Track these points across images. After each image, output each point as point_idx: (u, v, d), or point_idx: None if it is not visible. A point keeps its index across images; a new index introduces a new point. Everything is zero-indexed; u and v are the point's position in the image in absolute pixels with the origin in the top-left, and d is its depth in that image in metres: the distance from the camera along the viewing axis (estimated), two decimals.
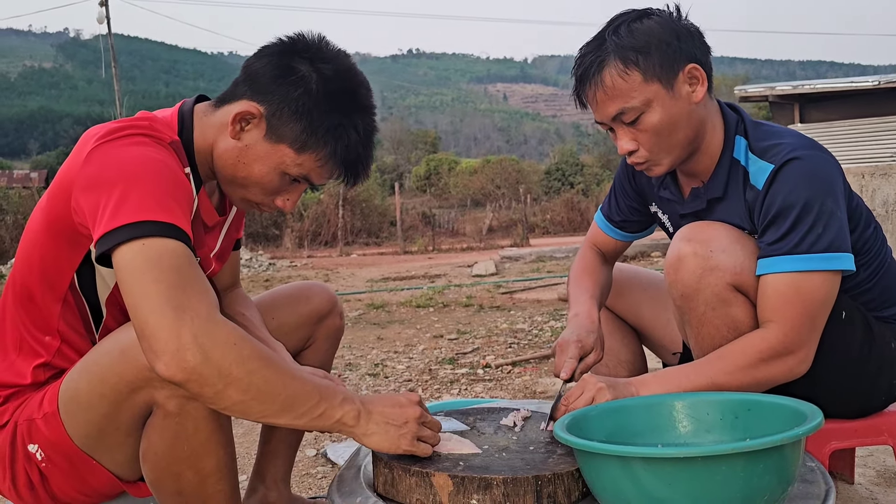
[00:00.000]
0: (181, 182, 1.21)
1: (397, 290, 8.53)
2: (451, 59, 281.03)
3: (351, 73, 1.32)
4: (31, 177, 35.29)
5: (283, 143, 1.30)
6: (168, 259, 1.08)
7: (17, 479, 1.31)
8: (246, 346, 1.09)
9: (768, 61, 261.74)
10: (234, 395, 1.09)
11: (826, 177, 1.42)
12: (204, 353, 1.05)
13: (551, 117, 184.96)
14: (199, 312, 1.06)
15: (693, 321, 1.48)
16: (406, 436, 1.24)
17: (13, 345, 1.33)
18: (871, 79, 14.40)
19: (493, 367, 3.93)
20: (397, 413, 1.25)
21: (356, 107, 1.32)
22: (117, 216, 1.10)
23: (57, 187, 1.27)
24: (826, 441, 1.59)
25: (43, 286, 1.30)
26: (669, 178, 1.65)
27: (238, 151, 1.32)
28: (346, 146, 1.31)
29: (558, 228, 24.49)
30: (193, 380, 1.06)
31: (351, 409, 1.20)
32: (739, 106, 1.58)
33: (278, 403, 1.12)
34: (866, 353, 1.54)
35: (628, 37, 1.43)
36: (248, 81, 1.31)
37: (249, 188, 1.35)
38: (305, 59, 1.29)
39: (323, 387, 1.18)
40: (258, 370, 1.10)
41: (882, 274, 1.57)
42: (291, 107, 1.28)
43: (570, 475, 1.22)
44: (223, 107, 1.34)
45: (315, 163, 1.32)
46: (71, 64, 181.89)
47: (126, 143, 1.19)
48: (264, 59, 1.31)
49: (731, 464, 1.02)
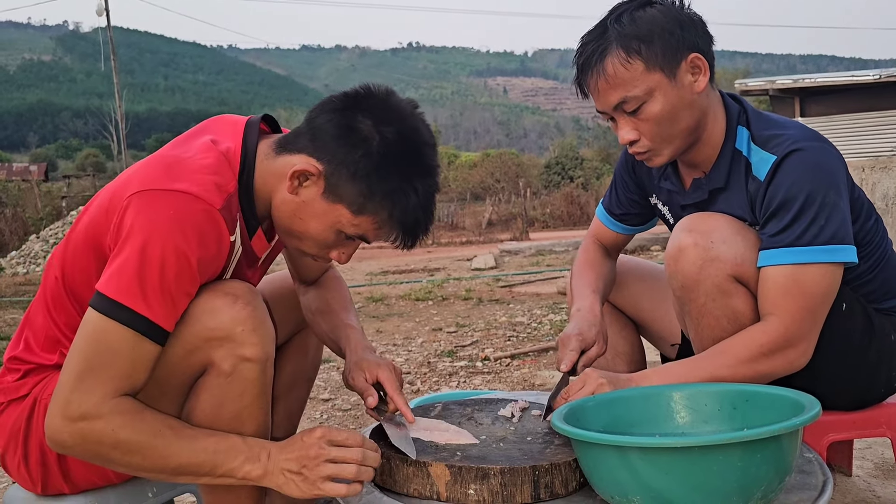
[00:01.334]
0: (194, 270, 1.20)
1: (396, 283, 8.54)
2: (450, 52, 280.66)
3: (415, 134, 1.29)
4: (30, 169, 35.29)
5: (341, 204, 1.28)
6: (108, 341, 1.16)
7: (29, 455, 1.32)
8: (125, 431, 1.17)
9: (769, 55, 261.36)
10: (119, 468, 1.22)
11: (829, 168, 1.41)
12: (77, 437, 1.16)
13: (551, 111, 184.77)
14: (93, 397, 1.15)
15: (693, 312, 1.48)
16: (309, 481, 1.21)
17: (43, 337, 1.35)
18: (872, 73, 14.39)
19: (492, 359, 3.93)
20: (297, 458, 1.22)
21: (417, 170, 1.29)
22: (110, 281, 1.16)
23: (106, 200, 1.27)
24: (824, 433, 1.59)
25: (69, 293, 1.33)
26: (671, 169, 1.65)
27: (295, 206, 1.31)
28: (404, 210, 1.29)
29: (558, 222, 24.47)
30: (74, 454, 1.20)
31: (254, 468, 1.21)
32: (741, 96, 1.58)
33: (167, 473, 1.21)
34: (866, 345, 1.53)
35: (631, 25, 1.42)
36: (310, 135, 1.29)
37: (304, 241, 1.35)
38: (368, 119, 1.26)
39: (221, 451, 1.21)
40: (138, 451, 1.18)
41: (882, 266, 1.57)
42: (350, 169, 1.26)
43: (567, 465, 1.22)
44: (284, 155, 1.32)
45: (372, 225, 1.30)
46: (70, 57, 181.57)
47: (167, 213, 1.18)
48: (327, 114, 1.29)
49: (729, 453, 1.02)
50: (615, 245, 1.88)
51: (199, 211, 1.21)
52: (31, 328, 1.37)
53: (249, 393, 1.26)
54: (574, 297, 1.70)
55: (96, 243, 1.27)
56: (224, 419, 1.25)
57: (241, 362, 1.24)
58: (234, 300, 1.24)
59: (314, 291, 1.66)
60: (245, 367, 1.25)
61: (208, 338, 1.23)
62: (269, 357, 1.28)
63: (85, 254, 1.29)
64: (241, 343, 1.23)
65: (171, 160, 1.27)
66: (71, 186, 23.32)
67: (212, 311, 1.23)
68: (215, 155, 1.29)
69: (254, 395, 1.27)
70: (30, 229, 16.28)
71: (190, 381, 1.27)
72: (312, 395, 3.34)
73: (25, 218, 16.82)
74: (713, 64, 1.47)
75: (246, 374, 1.25)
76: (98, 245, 1.27)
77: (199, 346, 1.23)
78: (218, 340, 1.23)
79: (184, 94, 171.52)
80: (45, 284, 1.36)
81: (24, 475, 1.33)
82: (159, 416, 1.21)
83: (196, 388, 1.27)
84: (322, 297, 1.63)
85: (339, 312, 1.60)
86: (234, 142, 1.34)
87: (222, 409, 1.25)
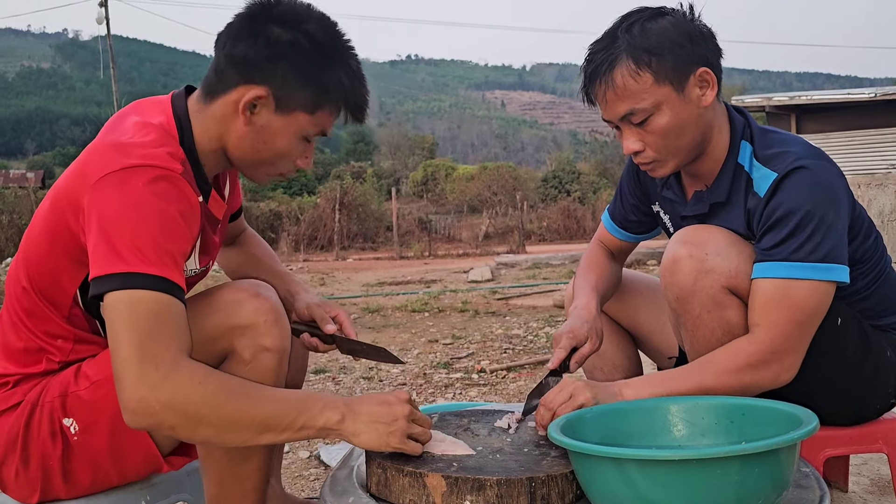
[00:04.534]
0: (182, 225, 1.22)
1: (393, 294, 8.52)
2: (449, 65, 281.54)
3: (325, 19, 1.35)
4: (27, 177, 35.21)
5: (297, 111, 1.33)
6: (146, 309, 1.15)
7: (29, 460, 1.31)
8: (210, 383, 1.16)
9: (765, 72, 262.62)
10: (206, 430, 1.17)
11: (829, 187, 1.41)
12: (167, 399, 1.13)
13: (549, 125, 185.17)
14: (165, 359, 1.14)
15: (688, 323, 1.48)
16: (395, 433, 1.25)
17: (24, 348, 1.34)
18: (868, 91, 14.45)
19: (488, 371, 3.92)
20: (385, 411, 1.26)
21: (345, 51, 1.35)
22: (113, 262, 1.15)
23: (63, 199, 1.27)
24: (820, 448, 1.59)
25: (44, 300, 1.32)
26: (673, 179, 1.65)
27: (255, 134, 1.34)
28: (351, 91, 1.35)
29: (554, 236, 24.49)
30: (162, 424, 1.15)
31: (333, 414, 1.23)
32: (746, 111, 1.58)
33: (253, 428, 1.19)
34: (860, 360, 1.53)
35: (641, 36, 1.41)
36: (237, 67, 1.31)
37: (277, 163, 1.39)
38: (283, 26, 1.30)
39: (301, 399, 1.23)
40: (225, 403, 1.17)
41: (880, 283, 1.57)
42: (295, 76, 1.30)
43: (564, 477, 1.22)
44: (217, 99, 1.33)
45: (329, 117, 1.36)
46: (69, 64, 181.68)
47: (137, 184, 1.20)
48: (241, 41, 1.30)
49: (726, 467, 1.02)
50: (620, 251, 1.89)
51: (164, 178, 1.22)
52: (3, 346, 1.36)
53: (267, 382, 1.31)
54: (574, 296, 1.71)
55: (66, 242, 1.27)
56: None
57: (262, 352, 1.30)
58: (256, 294, 1.31)
59: (235, 249, 1.72)
60: (265, 356, 1.31)
61: (232, 326, 1.29)
62: (286, 349, 1.34)
63: (53, 256, 1.29)
64: (263, 333, 1.30)
65: (115, 142, 1.27)
66: None
67: (236, 302, 1.30)
68: (153, 129, 1.30)
69: (270, 384, 1.31)
70: None
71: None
72: None
73: (21, 225, 16.77)
74: (721, 77, 1.47)
75: (265, 362, 1.31)
76: (68, 243, 1.27)
77: (221, 335, 1.29)
78: (241, 329, 1.29)
79: None
80: (10, 299, 1.35)
81: (23, 482, 1.32)
82: (230, 374, 1.25)
83: None
84: (247, 252, 1.71)
85: (272, 264, 1.69)
86: (165, 114, 1.36)
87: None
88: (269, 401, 1.20)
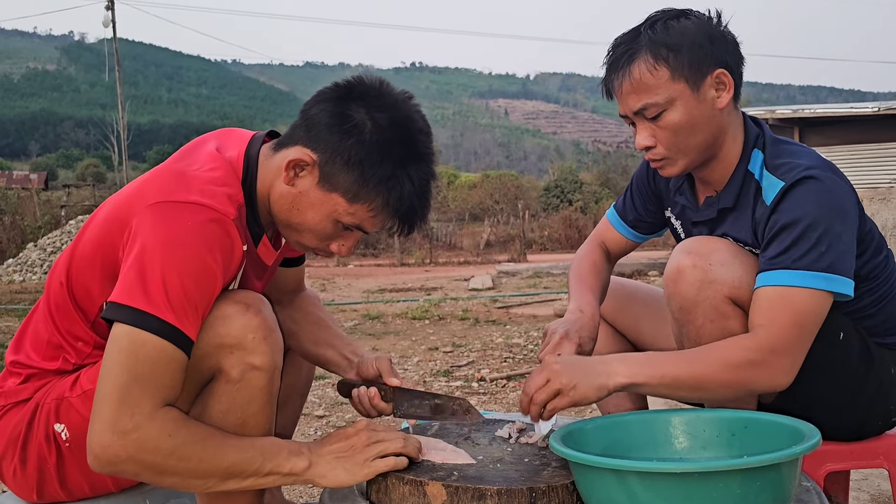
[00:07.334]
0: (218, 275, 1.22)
1: (393, 301, 8.52)
2: (453, 73, 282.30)
3: (408, 121, 1.30)
4: (30, 178, 35.33)
5: (336, 192, 1.29)
6: (147, 354, 1.14)
7: (27, 461, 1.31)
8: (180, 435, 1.16)
9: (769, 85, 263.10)
10: (170, 479, 1.18)
11: (837, 198, 1.41)
12: (133, 450, 1.13)
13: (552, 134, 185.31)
14: (143, 409, 1.14)
15: (691, 334, 1.48)
16: (358, 462, 1.25)
17: (45, 343, 1.35)
18: (871, 105, 14.47)
19: (488, 380, 3.92)
20: (343, 445, 1.26)
21: (412, 157, 1.30)
22: (136, 294, 1.15)
23: (117, 211, 1.28)
24: (821, 463, 1.58)
25: (74, 302, 1.33)
26: (686, 185, 1.66)
27: (292, 197, 1.32)
28: (399, 197, 1.29)
29: (556, 245, 24.48)
30: (125, 472, 1.16)
31: (299, 460, 1.23)
32: (763, 121, 1.59)
33: (218, 475, 1.19)
34: (863, 376, 1.53)
35: (663, 33, 1.44)
36: (305, 127, 1.30)
37: (303, 234, 1.35)
38: (361, 107, 1.27)
39: (265, 447, 1.23)
40: (193, 454, 1.17)
41: (887, 301, 1.56)
42: (343, 156, 1.26)
43: (564, 488, 1.22)
44: (281, 151, 1.33)
45: (368, 213, 1.31)
46: (74, 67, 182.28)
47: (187, 222, 1.19)
48: (320, 104, 1.30)
49: (728, 480, 1.02)
50: (620, 250, 1.89)
51: (215, 221, 1.22)
52: (33, 333, 1.37)
53: (257, 401, 1.27)
54: (573, 296, 1.69)
55: (106, 255, 1.27)
56: (230, 426, 1.25)
57: (250, 370, 1.25)
58: (246, 308, 1.25)
59: (296, 306, 1.68)
60: (254, 375, 1.25)
61: (219, 344, 1.24)
62: (277, 366, 1.28)
63: (91, 264, 1.30)
64: (251, 351, 1.24)
65: (182, 172, 1.27)
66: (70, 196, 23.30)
67: (223, 318, 1.24)
68: (223, 166, 1.31)
69: (261, 403, 1.27)
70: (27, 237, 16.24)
71: (198, 388, 1.27)
72: (307, 412, 3.32)
73: (24, 226, 16.79)
74: (740, 84, 1.48)
75: (254, 381, 1.26)
76: (107, 257, 1.27)
77: (209, 353, 1.24)
78: (228, 347, 1.24)
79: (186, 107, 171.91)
80: (48, 290, 1.36)
81: (21, 481, 1.32)
82: (200, 422, 1.22)
83: (204, 394, 1.27)
84: (310, 312, 1.67)
85: (332, 326, 1.66)
86: (239, 151, 1.35)
87: (229, 416, 1.25)
88: (236, 449, 1.20)
